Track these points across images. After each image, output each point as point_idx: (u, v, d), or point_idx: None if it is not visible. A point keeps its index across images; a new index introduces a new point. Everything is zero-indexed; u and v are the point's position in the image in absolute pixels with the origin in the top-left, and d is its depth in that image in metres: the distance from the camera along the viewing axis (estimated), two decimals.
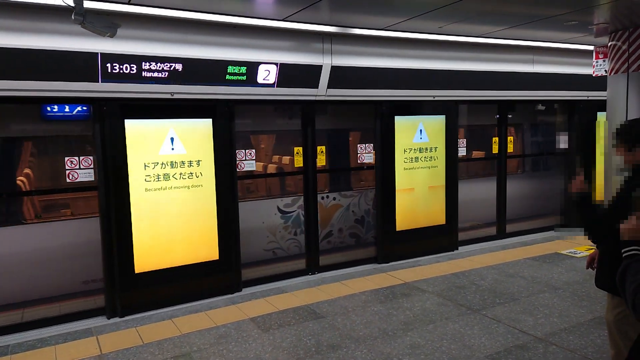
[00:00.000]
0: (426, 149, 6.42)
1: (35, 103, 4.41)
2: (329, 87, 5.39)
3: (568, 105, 7.71)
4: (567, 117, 7.78)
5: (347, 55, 5.41)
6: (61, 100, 4.38)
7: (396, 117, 6.09)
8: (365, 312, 4.50)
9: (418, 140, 6.33)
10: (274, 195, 6.07)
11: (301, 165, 5.69)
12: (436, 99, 6.25)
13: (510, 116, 7.38)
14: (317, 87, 5.35)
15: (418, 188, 6.41)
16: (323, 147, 5.80)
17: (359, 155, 6.10)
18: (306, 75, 5.24)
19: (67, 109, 4.69)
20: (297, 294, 5.05)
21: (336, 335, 4.02)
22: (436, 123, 6.46)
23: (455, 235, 6.73)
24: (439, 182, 6.55)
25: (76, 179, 4.49)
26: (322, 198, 5.99)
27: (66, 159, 4.45)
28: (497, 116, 7.18)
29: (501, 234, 7.32)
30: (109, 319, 4.57)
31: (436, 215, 6.58)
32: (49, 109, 4.63)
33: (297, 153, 5.69)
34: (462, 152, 6.81)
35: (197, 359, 3.67)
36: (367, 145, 6.12)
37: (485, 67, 6.37)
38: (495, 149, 7.20)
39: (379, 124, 6.04)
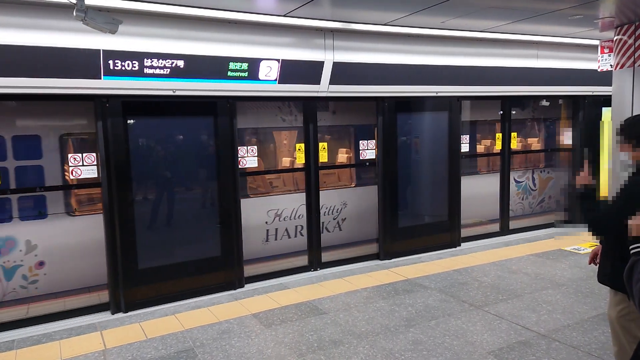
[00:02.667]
0: (429, 145, 6.39)
1: (37, 100, 4.42)
2: (331, 83, 5.37)
3: (573, 101, 7.65)
4: (572, 112, 7.72)
5: (349, 51, 5.39)
6: (63, 98, 4.39)
7: (398, 113, 6.06)
8: (367, 308, 4.50)
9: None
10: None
11: (303, 162, 5.68)
12: (439, 94, 6.21)
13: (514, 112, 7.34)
14: (319, 84, 5.33)
15: (420, 184, 6.38)
16: (325, 144, 5.79)
17: (360, 151, 6.08)
18: (308, 72, 5.22)
19: None
20: (299, 290, 5.06)
21: (338, 331, 4.02)
22: (439, 119, 6.42)
23: (458, 231, 6.70)
24: (441, 179, 6.52)
25: (79, 175, 4.51)
26: (541, 172, 7.81)
27: (69, 155, 4.47)
28: (501, 112, 7.13)
29: (504, 231, 7.29)
30: (113, 314, 4.61)
31: (438, 211, 6.56)
32: None
33: (299, 149, 5.68)
34: (464, 148, 6.77)
35: (200, 354, 3.69)
36: (369, 142, 6.10)
37: (488, 63, 6.32)
38: (498, 145, 7.17)
39: (381, 120, 6.01)
